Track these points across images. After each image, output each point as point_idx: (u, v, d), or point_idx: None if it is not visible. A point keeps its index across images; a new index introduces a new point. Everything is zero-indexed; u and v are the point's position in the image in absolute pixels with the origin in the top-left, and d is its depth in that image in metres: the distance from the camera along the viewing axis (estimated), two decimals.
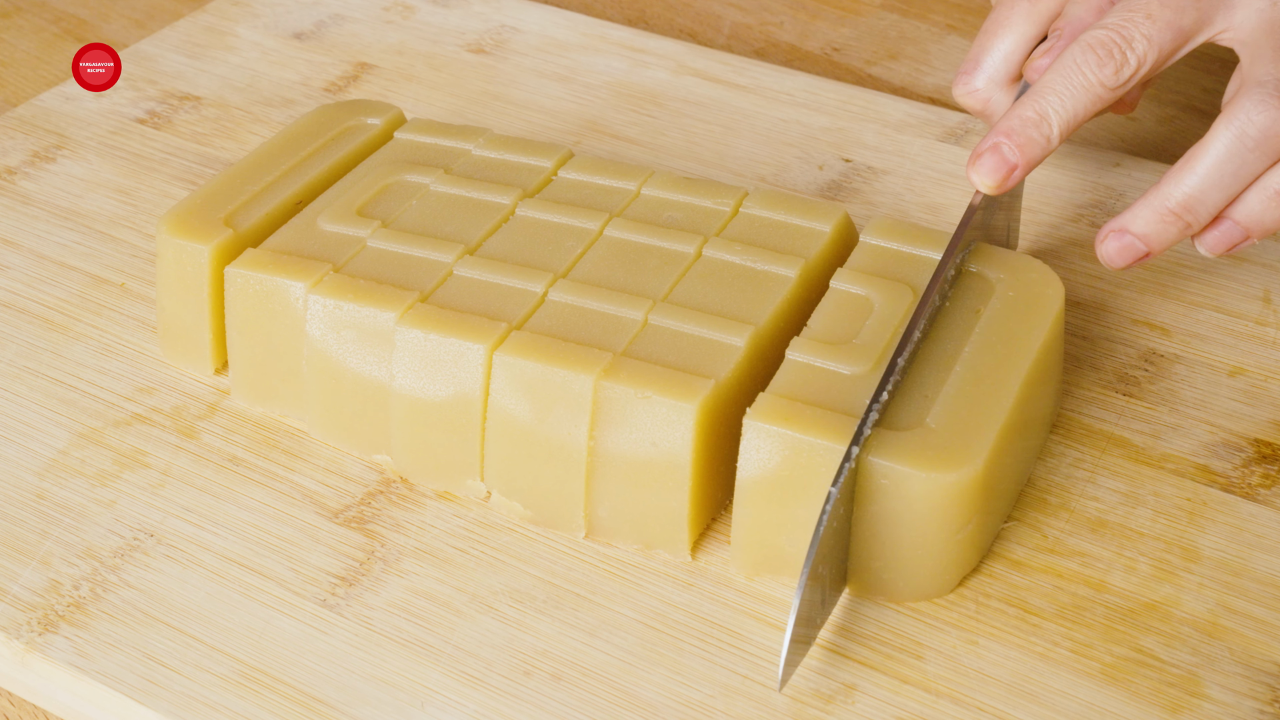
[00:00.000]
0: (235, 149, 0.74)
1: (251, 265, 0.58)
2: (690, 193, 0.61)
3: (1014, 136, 0.55)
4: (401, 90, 0.78)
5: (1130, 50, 0.55)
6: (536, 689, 0.49)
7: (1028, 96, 0.56)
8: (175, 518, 0.55)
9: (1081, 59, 0.55)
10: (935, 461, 0.49)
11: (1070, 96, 0.55)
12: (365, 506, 0.56)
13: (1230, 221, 0.56)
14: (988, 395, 0.52)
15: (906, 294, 0.56)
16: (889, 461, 0.49)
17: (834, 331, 0.55)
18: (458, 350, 0.54)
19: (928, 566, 0.51)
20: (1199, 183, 0.55)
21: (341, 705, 0.49)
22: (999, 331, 0.55)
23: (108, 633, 0.51)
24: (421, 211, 0.60)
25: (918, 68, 0.83)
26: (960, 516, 0.50)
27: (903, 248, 0.58)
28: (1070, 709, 0.49)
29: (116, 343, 0.63)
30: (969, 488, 0.50)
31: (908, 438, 0.50)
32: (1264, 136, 0.54)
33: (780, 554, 0.52)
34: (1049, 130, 0.55)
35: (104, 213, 0.70)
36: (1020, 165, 0.55)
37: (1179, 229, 0.56)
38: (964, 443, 0.50)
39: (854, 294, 0.56)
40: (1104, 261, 0.57)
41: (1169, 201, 0.55)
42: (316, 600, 0.52)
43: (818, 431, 0.50)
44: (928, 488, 0.49)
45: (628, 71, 0.79)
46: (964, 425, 0.51)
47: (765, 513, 0.51)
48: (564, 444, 0.53)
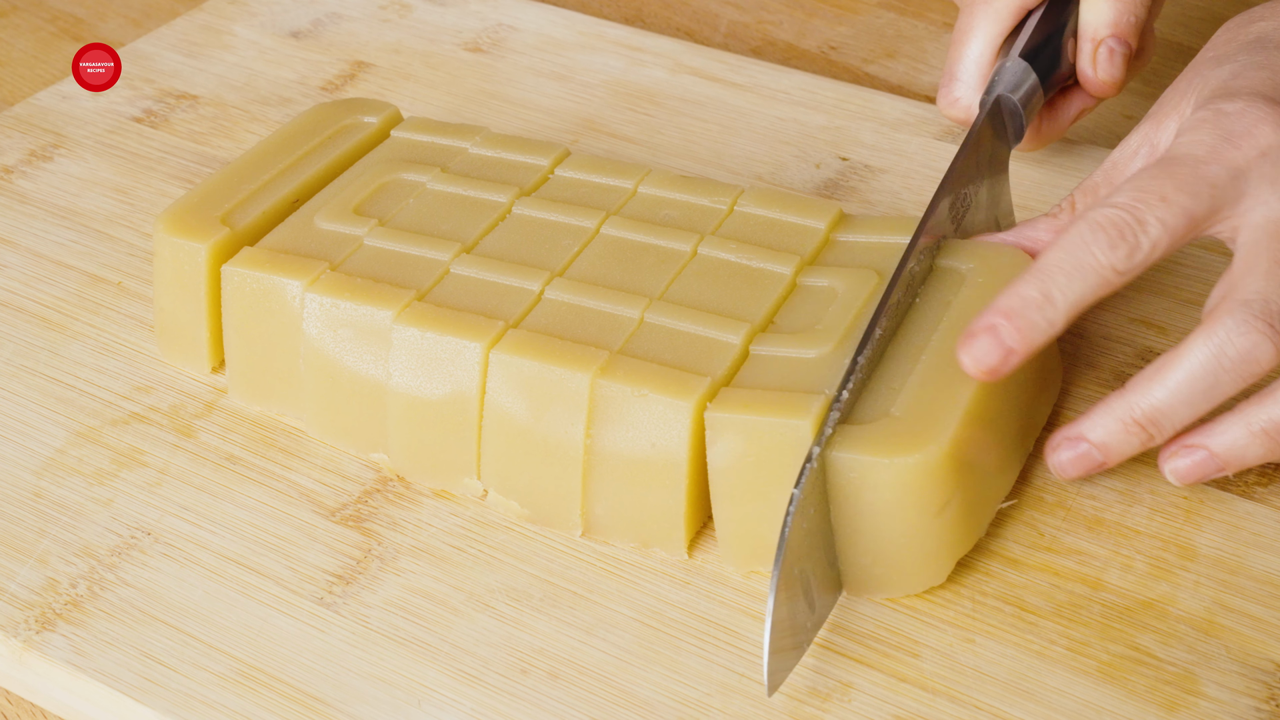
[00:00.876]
0: (232, 148, 0.74)
1: (248, 264, 0.58)
2: (687, 191, 0.61)
3: (1014, 319, 0.50)
4: (398, 89, 0.79)
5: (1143, 233, 0.50)
6: (533, 687, 0.49)
7: (1030, 274, 0.51)
8: (173, 516, 0.56)
9: (1091, 238, 0.50)
10: (897, 447, 0.49)
11: (1079, 279, 0.50)
12: (362, 505, 0.56)
13: (1207, 453, 0.52)
14: (954, 377, 0.52)
15: (871, 278, 0.56)
16: (853, 454, 0.49)
17: (797, 323, 0.55)
18: (454, 349, 0.54)
19: (913, 554, 0.51)
20: (1168, 396, 0.51)
21: (339, 703, 0.49)
22: (968, 315, 0.54)
23: (105, 631, 0.51)
24: (418, 210, 0.61)
25: (915, 66, 0.83)
26: (933, 498, 0.50)
27: (871, 238, 0.58)
28: (1067, 707, 0.49)
29: (114, 341, 0.63)
30: (936, 468, 0.49)
31: (871, 429, 0.50)
32: (1242, 360, 0.50)
33: (767, 544, 0.52)
34: (1053, 314, 0.50)
35: (101, 211, 0.70)
36: (1018, 351, 0.50)
37: (1141, 440, 0.52)
38: (926, 425, 0.50)
39: (819, 286, 0.56)
40: (1055, 471, 0.54)
41: (1134, 411, 0.51)
42: (314, 598, 0.52)
43: (779, 412, 0.50)
44: (893, 474, 0.49)
45: (625, 70, 0.79)
46: (928, 409, 0.51)
47: (744, 504, 0.51)
48: (560, 442, 0.53)
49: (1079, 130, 0.78)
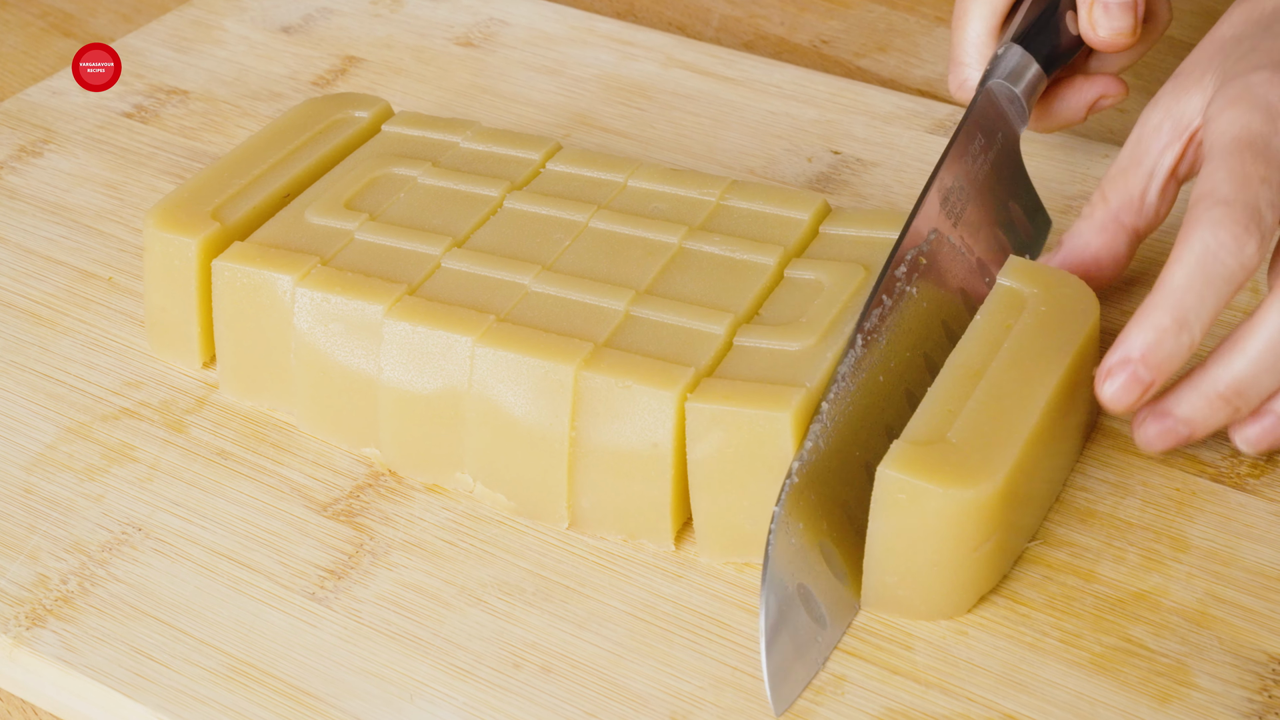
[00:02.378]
0: (223, 143, 0.74)
1: (239, 259, 0.58)
2: (676, 184, 0.61)
3: (1150, 355, 0.49)
4: (389, 83, 0.78)
5: (1263, 221, 0.49)
6: (526, 681, 0.49)
7: (1162, 300, 0.49)
8: (163, 512, 0.55)
9: (1216, 243, 0.48)
10: (953, 477, 0.48)
11: (1211, 292, 0.49)
12: (354, 500, 0.56)
13: (1276, 417, 0.52)
14: (1013, 410, 0.51)
15: (858, 272, 0.56)
16: (907, 475, 0.48)
17: (781, 315, 0.55)
18: (446, 343, 0.54)
19: (942, 584, 0.50)
20: (1249, 366, 0.50)
21: (330, 698, 0.49)
22: (1029, 346, 0.53)
23: (96, 627, 0.51)
24: (409, 204, 0.60)
25: (907, 60, 0.83)
26: (978, 534, 0.49)
27: (860, 232, 0.58)
28: (1060, 698, 0.49)
29: (104, 337, 0.63)
30: (988, 504, 0.48)
31: (928, 452, 0.49)
32: None
33: (743, 535, 0.52)
34: (1189, 338, 0.49)
35: (91, 207, 0.70)
36: (1157, 383, 0.50)
37: (1228, 414, 0.52)
38: (984, 458, 0.49)
39: (805, 279, 0.56)
40: (1142, 445, 0.53)
41: (1218, 385, 0.51)
42: (305, 593, 0.52)
43: (759, 404, 0.50)
44: (943, 503, 0.48)
45: (616, 64, 0.79)
46: (986, 440, 0.49)
47: (722, 496, 0.51)
48: (545, 435, 0.53)
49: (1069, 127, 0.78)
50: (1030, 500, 0.52)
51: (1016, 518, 0.51)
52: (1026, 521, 0.53)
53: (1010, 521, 0.51)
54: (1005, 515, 0.50)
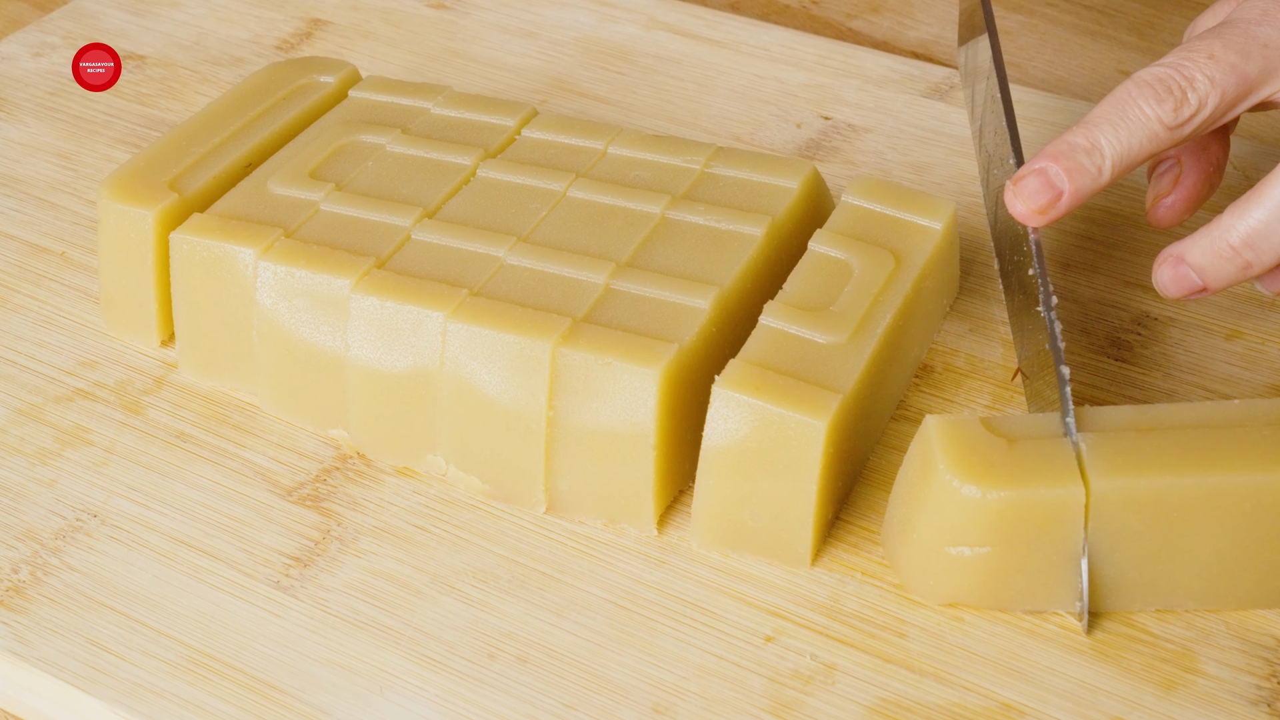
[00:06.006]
0: (181, 110, 0.74)
1: (198, 231, 0.58)
2: (658, 151, 0.61)
3: (1061, 160, 0.52)
4: (357, 47, 0.78)
5: (1191, 89, 0.52)
6: (501, 672, 0.50)
7: (1077, 125, 0.53)
8: (120, 497, 0.56)
9: (1136, 93, 0.53)
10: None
11: (1125, 131, 0.52)
12: (320, 484, 0.56)
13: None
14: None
15: (888, 260, 0.56)
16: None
17: (811, 297, 0.55)
18: (416, 318, 0.54)
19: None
20: (1266, 217, 0.52)
21: (296, 691, 0.49)
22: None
23: (49, 618, 0.51)
24: (377, 173, 0.60)
25: (900, 21, 0.83)
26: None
27: (886, 210, 0.58)
28: (1059, 686, 0.49)
29: (56, 314, 0.63)
30: None
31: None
32: None
33: (742, 528, 0.52)
34: (1100, 160, 0.52)
35: (42, 178, 0.70)
36: (1067, 193, 0.52)
37: (1238, 267, 0.53)
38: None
39: (833, 257, 0.56)
40: (1159, 290, 0.55)
41: (1230, 236, 0.53)
42: (269, 582, 0.52)
43: (790, 404, 0.50)
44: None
45: (596, 26, 0.79)
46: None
47: (730, 485, 0.52)
48: (522, 415, 0.53)
49: (1073, 87, 0.78)
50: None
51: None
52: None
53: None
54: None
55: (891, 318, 0.54)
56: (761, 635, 0.51)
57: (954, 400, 0.59)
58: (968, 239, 0.65)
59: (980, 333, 0.61)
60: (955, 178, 0.69)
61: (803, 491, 0.51)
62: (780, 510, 0.52)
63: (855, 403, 0.52)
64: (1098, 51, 0.80)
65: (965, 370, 0.60)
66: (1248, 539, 0.49)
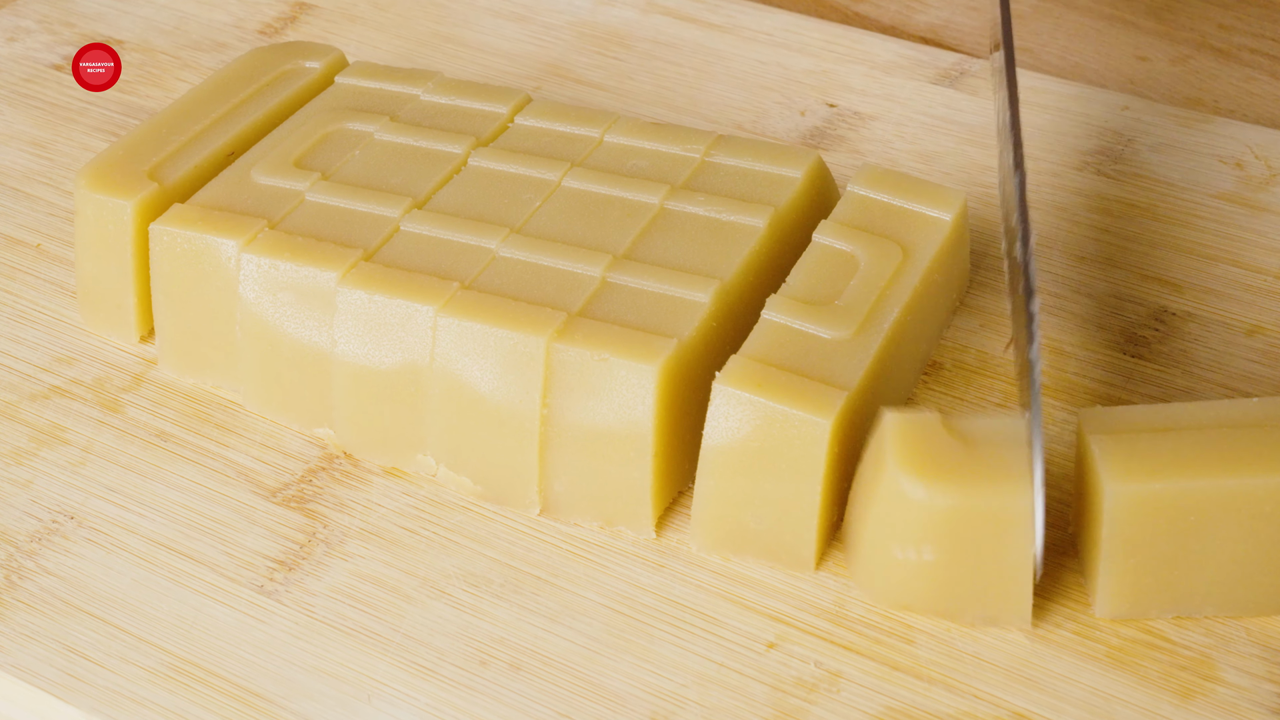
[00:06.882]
0: (161, 97, 0.74)
1: (179, 222, 0.57)
2: (657, 139, 0.61)
3: None
4: (343, 32, 0.78)
5: None
6: (493, 680, 0.49)
7: None
8: (97, 498, 0.55)
9: None
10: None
11: None
12: (306, 484, 0.56)
13: None
14: None
15: (895, 253, 0.56)
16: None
17: (815, 291, 0.55)
18: (405, 312, 0.54)
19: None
20: None
21: (280, 699, 0.49)
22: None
23: (24, 623, 0.51)
24: (365, 162, 0.60)
25: (908, 4, 0.83)
26: None
27: (893, 200, 0.58)
28: (1073, 695, 0.49)
29: (32, 309, 0.63)
30: None
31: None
32: None
33: (743, 531, 0.52)
34: None
35: (16, 168, 0.70)
36: None
37: None
38: None
39: (838, 250, 0.56)
40: None
41: None
42: (253, 586, 0.52)
43: (794, 401, 0.50)
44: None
45: (592, 10, 0.79)
46: None
47: (731, 486, 0.51)
48: (515, 413, 0.53)
49: (1084, 70, 0.78)
50: None
51: None
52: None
53: None
54: None
55: (899, 312, 0.54)
56: (764, 641, 0.50)
57: (964, 398, 0.58)
58: (979, 231, 0.65)
59: (991, 328, 0.61)
60: (965, 167, 0.69)
61: (806, 492, 0.51)
62: (783, 512, 0.51)
63: (861, 400, 0.52)
64: (1115, 37, 0.80)
65: (975, 367, 0.60)
66: (1269, 543, 0.49)
